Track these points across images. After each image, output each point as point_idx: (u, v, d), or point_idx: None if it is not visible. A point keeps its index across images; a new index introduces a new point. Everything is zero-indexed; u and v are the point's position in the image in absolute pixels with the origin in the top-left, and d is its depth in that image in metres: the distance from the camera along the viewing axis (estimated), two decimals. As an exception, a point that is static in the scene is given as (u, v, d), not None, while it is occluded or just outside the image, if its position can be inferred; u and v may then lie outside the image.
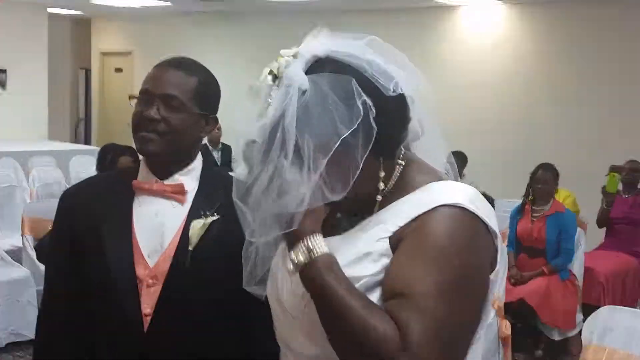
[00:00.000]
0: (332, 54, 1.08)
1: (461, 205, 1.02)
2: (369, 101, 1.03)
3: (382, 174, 1.09)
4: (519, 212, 5.11)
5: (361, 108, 1.01)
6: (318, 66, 1.07)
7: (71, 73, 12.58)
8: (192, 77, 1.54)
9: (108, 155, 5.14)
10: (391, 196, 1.10)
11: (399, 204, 1.07)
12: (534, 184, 5.02)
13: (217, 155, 7.29)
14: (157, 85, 1.51)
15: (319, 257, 1.00)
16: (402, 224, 1.03)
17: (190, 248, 1.51)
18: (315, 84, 1.04)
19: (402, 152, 1.14)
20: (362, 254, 1.04)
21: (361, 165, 1.02)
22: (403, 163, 1.12)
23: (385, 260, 1.02)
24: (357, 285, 1.01)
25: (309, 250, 1.01)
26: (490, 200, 5.10)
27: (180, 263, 1.50)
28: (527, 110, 7.77)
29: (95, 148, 8.81)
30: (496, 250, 1.06)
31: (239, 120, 1.13)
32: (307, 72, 1.06)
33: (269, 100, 1.07)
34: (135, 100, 1.56)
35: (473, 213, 1.02)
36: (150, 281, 1.51)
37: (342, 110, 1.01)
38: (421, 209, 1.02)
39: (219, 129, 6.67)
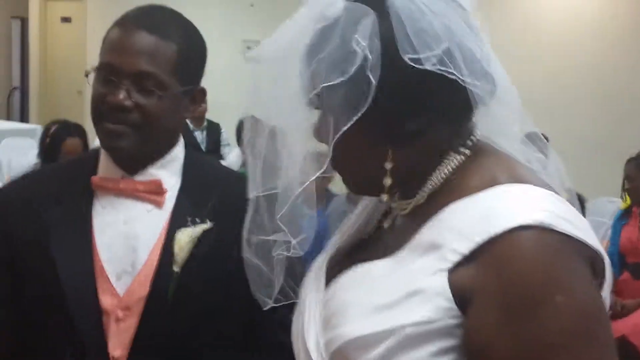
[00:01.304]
0: None
1: (548, 226, 1.00)
2: (369, 50, 1.05)
3: (389, 165, 1.12)
4: (623, 215, 5.11)
5: (360, 53, 1.05)
6: None
7: (1, 24, 12.68)
8: (171, 42, 1.53)
9: (49, 137, 5.20)
10: (447, 194, 1.11)
11: (455, 210, 1.07)
12: (624, 182, 5.05)
13: (201, 136, 7.33)
14: (125, 60, 1.49)
15: None
16: (465, 252, 1.02)
17: (175, 268, 1.50)
18: (346, 11, 1.08)
19: (474, 138, 1.15)
20: (410, 291, 1.04)
21: (344, 131, 1.07)
22: (467, 153, 1.14)
23: (440, 302, 1.02)
24: (398, 338, 1.02)
25: None
26: (581, 201, 5.08)
27: (162, 289, 1.50)
28: (625, 77, 7.69)
29: (34, 126, 8.88)
30: (604, 276, 1.06)
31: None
32: None
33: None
34: (92, 76, 1.54)
35: (564, 234, 1.00)
36: (120, 314, 1.51)
37: (343, 51, 1.06)
38: (488, 231, 1.01)
39: (204, 101, 6.68)
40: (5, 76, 12.80)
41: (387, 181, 1.12)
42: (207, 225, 1.53)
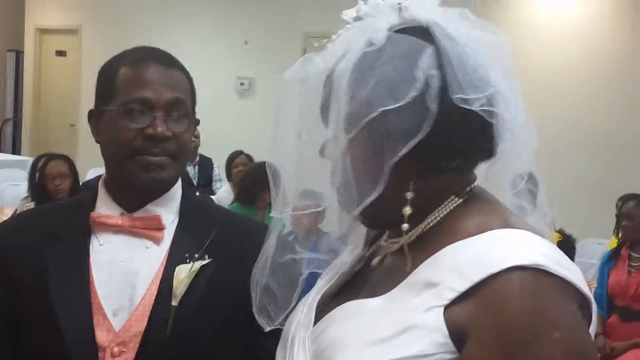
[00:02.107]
0: (434, 27, 1.13)
1: (541, 267, 1.02)
2: (435, 80, 1.07)
3: (410, 195, 1.13)
4: (611, 257, 5.10)
5: (422, 81, 1.07)
6: (414, 32, 1.13)
7: (-4, 56, 12.74)
8: (183, 73, 1.59)
9: (39, 164, 5.24)
10: (440, 236, 1.12)
11: (452, 251, 1.09)
12: (621, 220, 5.05)
13: (192, 171, 7.32)
14: (156, 91, 1.52)
15: None
16: (461, 289, 1.03)
17: (174, 303, 1.50)
18: (391, 41, 1.10)
19: (472, 186, 1.17)
20: (406, 326, 1.05)
21: (394, 162, 1.08)
22: (466, 197, 1.15)
23: (436, 337, 1.03)
24: None
25: None
26: (571, 242, 5.08)
27: (160, 323, 1.49)
28: (617, 120, 7.76)
29: (26, 158, 8.87)
30: (590, 320, 1.08)
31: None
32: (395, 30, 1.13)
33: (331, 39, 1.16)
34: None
35: (558, 276, 1.02)
36: (115, 349, 1.49)
37: (401, 77, 1.08)
38: (485, 270, 1.03)
39: (197, 136, 6.71)
40: (-2, 108, 12.83)
41: (407, 210, 1.14)
42: (205, 261, 1.54)
